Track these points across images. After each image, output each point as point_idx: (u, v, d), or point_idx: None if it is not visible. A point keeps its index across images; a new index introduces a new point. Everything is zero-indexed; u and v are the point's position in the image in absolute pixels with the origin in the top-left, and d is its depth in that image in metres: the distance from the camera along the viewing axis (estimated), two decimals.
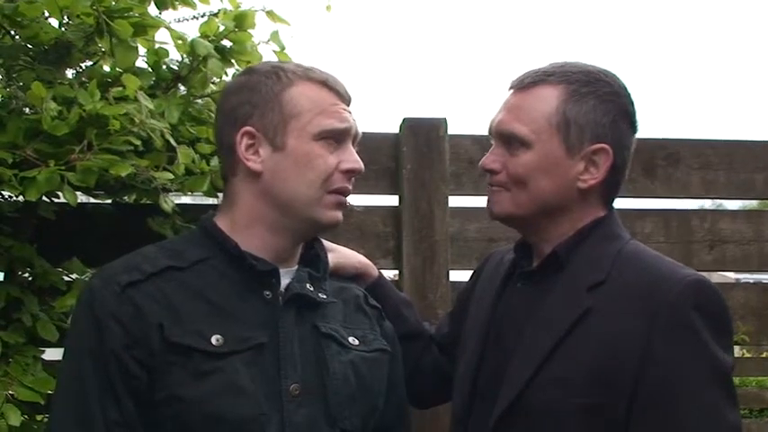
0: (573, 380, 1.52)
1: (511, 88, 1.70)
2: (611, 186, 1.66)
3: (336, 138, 1.58)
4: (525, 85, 1.66)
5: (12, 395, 1.82)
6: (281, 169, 1.57)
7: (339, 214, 1.61)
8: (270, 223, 1.59)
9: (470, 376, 1.70)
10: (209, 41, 2.07)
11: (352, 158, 1.60)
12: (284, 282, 1.59)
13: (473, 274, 1.96)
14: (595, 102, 1.62)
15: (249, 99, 1.59)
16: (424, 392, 1.92)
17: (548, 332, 1.57)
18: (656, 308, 1.50)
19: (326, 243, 1.76)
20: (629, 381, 1.49)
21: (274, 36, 2.17)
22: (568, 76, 1.64)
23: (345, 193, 1.61)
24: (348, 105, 1.63)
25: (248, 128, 1.57)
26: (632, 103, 1.68)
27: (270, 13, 2.17)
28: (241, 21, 2.11)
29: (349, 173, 1.60)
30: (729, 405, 1.49)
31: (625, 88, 1.68)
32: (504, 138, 1.66)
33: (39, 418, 2.04)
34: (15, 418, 1.79)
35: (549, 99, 1.62)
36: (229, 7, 2.17)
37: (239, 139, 1.58)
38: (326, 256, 1.70)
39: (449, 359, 1.86)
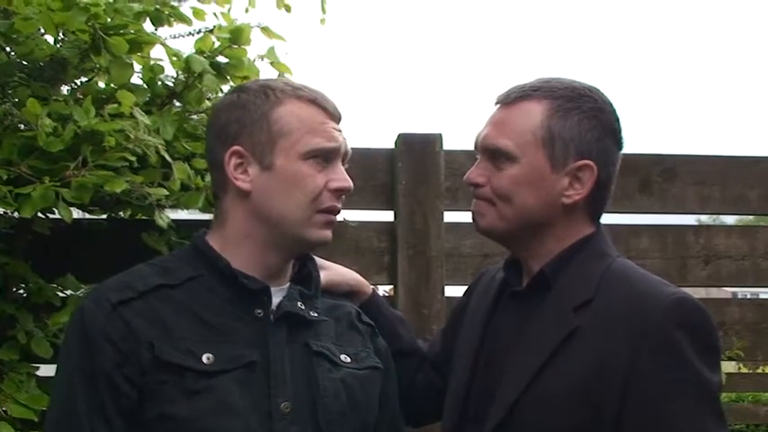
0: (560, 399, 1.51)
1: (497, 103, 1.70)
2: (596, 202, 1.66)
3: (325, 156, 1.58)
4: (511, 100, 1.67)
5: (5, 411, 1.81)
6: (269, 189, 1.56)
7: (329, 233, 1.61)
8: (260, 241, 1.58)
9: (461, 395, 1.70)
10: (205, 57, 2.08)
11: (341, 177, 1.59)
12: (276, 300, 1.58)
13: (466, 290, 1.96)
14: (580, 117, 1.62)
15: (238, 118, 1.59)
16: (418, 410, 1.91)
17: (536, 352, 1.56)
18: (641, 327, 1.49)
19: (319, 260, 1.76)
20: (615, 400, 1.48)
21: (270, 52, 2.17)
22: (553, 91, 1.65)
23: (335, 211, 1.60)
24: (338, 123, 1.62)
25: (237, 147, 1.57)
26: (617, 120, 1.68)
27: (265, 29, 2.17)
28: (237, 36, 2.12)
29: (338, 192, 1.59)
30: (716, 423, 1.49)
31: (610, 104, 1.68)
32: (490, 152, 1.66)
33: None
34: None
35: (533, 114, 1.63)
36: (224, 23, 2.18)
37: (228, 158, 1.57)
38: (319, 275, 1.70)
39: (441, 377, 1.85)
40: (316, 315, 1.62)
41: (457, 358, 1.77)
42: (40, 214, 1.97)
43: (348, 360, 1.63)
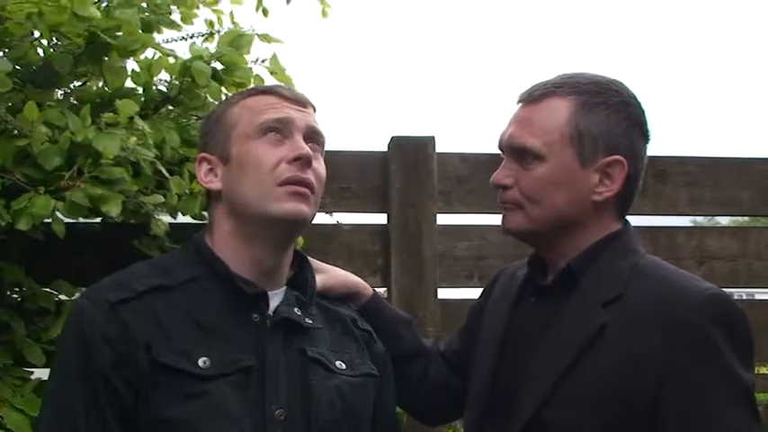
0: (590, 399, 1.48)
1: (519, 101, 1.66)
2: (625, 198, 1.63)
3: (278, 131, 1.57)
4: (535, 97, 1.63)
5: (1, 418, 1.80)
6: (232, 178, 1.58)
7: (298, 206, 1.55)
8: (242, 236, 1.58)
9: (485, 391, 1.66)
10: (203, 62, 2.07)
11: (297, 146, 1.56)
12: (273, 304, 1.58)
13: (484, 290, 1.91)
14: (607, 112, 1.59)
15: (204, 129, 1.69)
16: (432, 409, 1.89)
17: (563, 349, 1.53)
18: (674, 323, 1.47)
19: (316, 264, 1.75)
20: (648, 397, 1.45)
21: (274, 61, 2.16)
22: (578, 87, 1.61)
23: (297, 182, 1.56)
24: (297, 105, 1.61)
25: (203, 154, 1.63)
26: (643, 112, 1.65)
27: (264, 37, 2.17)
28: (239, 44, 2.11)
29: (297, 161, 1.56)
30: (752, 423, 1.47)
31: (635, 97, 1.65)
32: (516, 152, 1.62)
33: None
34: None
35: (559, 111, 1.59)
36: (218, 28, 2.18)
37: (198, 166, 1.64)
38: (315, 279, 1.69)
39: (459, 376, 1.82)
40: (311, 323, 1.62)
41: (478, 354, 1.74)
42: None
43: (343, 367, 1.63)
